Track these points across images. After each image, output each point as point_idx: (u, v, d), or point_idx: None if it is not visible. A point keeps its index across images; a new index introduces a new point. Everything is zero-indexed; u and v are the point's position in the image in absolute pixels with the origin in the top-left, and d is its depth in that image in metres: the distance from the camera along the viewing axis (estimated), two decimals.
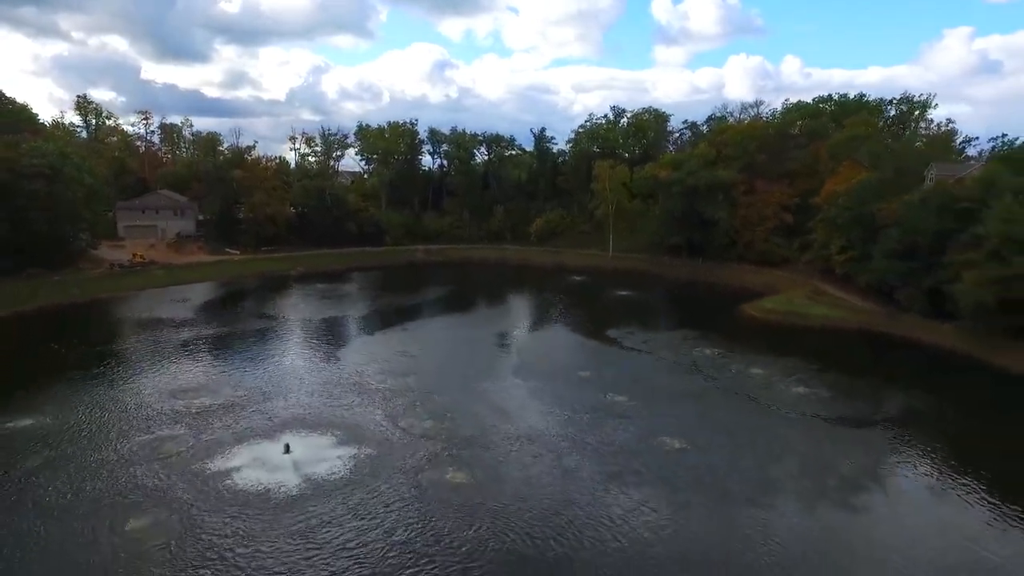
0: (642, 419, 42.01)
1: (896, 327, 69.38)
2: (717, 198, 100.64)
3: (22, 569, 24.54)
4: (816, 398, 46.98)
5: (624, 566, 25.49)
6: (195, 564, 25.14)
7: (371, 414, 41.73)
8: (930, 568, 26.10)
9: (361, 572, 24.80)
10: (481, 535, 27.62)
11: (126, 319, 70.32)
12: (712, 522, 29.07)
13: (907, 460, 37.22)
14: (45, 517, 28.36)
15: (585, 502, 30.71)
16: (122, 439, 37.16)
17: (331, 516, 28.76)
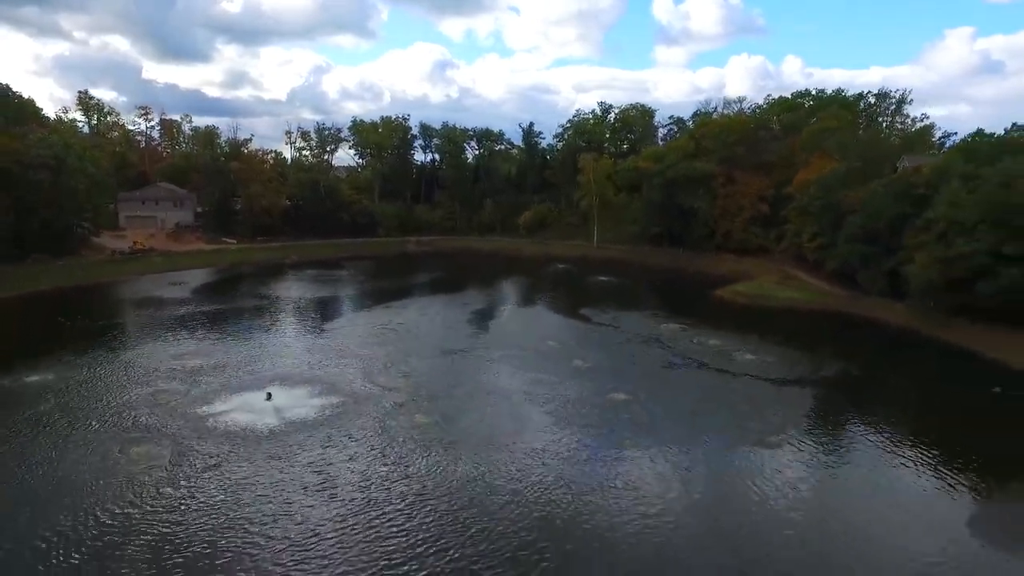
0: (598, 379, 46.29)
1: (856, 307, 73.57)
2: (697, 189, 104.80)
3: (39, 484, 28.88)
4: (762, 363, 51.19)
5: (552, 482, 29.79)
6: (186, 477, 29.57)
7: (349, 373, 46.10)
8: (818, 487, 30.40)
9: (324, 484, 29.17)
10: (435, 460, 31.96)
11: (127, 299, 74.91)
12: (637, 455, 33.33)
13: (826, 411, 41.52)
14: (56, 447, 32.77)
15: (530, 438, 35.05)
16: (123, 390, 41.63)
17: (303, 445, 33.17)
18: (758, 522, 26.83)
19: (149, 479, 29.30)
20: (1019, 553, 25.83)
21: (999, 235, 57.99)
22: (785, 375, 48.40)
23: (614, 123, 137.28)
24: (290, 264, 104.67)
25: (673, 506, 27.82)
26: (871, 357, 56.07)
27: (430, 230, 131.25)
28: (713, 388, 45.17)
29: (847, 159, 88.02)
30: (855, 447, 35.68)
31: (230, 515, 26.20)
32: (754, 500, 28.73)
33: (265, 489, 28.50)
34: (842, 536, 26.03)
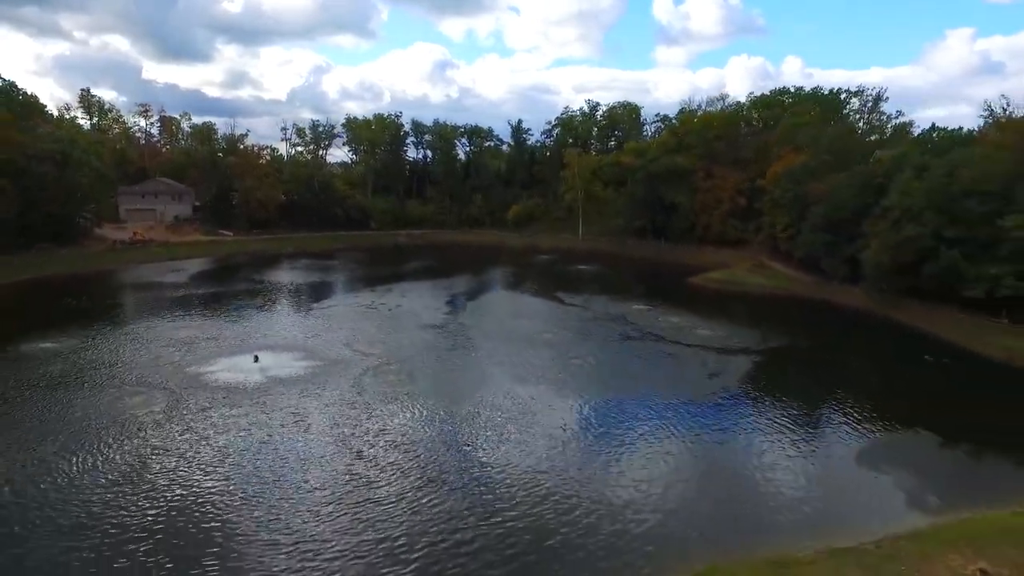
0: (559, 347, 51.08)
1: (819, 292, 78.28)
2: (678, 184, 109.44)
3: (57, 421, 33.66)
4: (716, 337, 55.91)
5: (498, 420, 34.55)
6: (180, 416, 34.39)
7: (331, 343, 50.89)
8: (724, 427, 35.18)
9: (299, 422, 33.97)
10: (399, 407, 36.75)
11: (128, 284, 79.85)
12: (580, 401, 38.08)
13: (758, 373, 46.13)
14: (68, 395, 37.59)
15: (490, 390, 39.82)
16: (125, 355, 46.49)
17: (284, 395, 38.00)
18: (660, 441, 31.56)
19: (148, 419, 34.13)
20: (888, 473, 30.45)
21: (942, 220, 62.75)
22: (733, 346, 53.07)
23: (601, 121, 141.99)
24: (285, 255, 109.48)
25: (587, 433, 32.58)
26: (818, 333, 60.92)
27: (421, 224, 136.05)
28: (662, 355, 49.89)
29: (817, 153, 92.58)
30: (765, 397, 40.23)
31: (218, 444, 30.99)
32: (660, 433, 33.44)
33: (248, 426, 33.30)
34: (725, 461, 30.82)
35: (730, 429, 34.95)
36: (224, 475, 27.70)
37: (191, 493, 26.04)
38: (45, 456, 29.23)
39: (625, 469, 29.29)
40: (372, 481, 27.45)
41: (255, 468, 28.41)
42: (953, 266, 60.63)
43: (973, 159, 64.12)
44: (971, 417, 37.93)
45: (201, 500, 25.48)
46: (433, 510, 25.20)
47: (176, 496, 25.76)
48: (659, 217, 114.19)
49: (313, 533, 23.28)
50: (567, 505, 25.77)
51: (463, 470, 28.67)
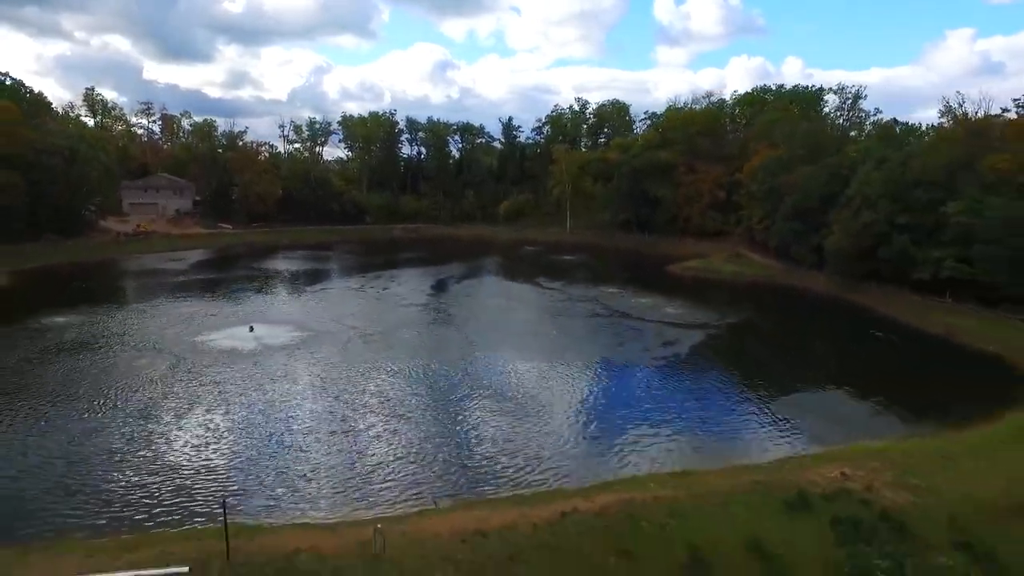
0: (529, 323, 55.96)
1: (788, 279, 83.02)
2: (660, 178, 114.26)
3: (72, 377, 38.56)
4: (680, 314, 60.71)
5: (456, 375, 39.41)
6: (182, 373, 39.30)
7: (321, 318, 55.85)
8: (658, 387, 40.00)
9: (287, 376, 38.91)
10: (376, 361, 41.67)
11: (132, 270, 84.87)
12: (533, 363, 42.94)
13: (706, 342, 50.90)
14: (80, 358, 42.52)
15: (452, 352, 44.78)
16: (129, 327, 51.48)
17: (276, 357, 42.97)
18: (596, 392, 36.42)
19: (156, 373, 39.10)
20: (799, 417, 35.19)
21: (895, 208, 67.52)
22: (694, 322, 57.84)
23: (590, 118, 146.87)
24: (282, 247, 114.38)
25: (531, 386, 37.46)
26: (778, 313, 65.72)
27: (415, 219, 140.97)
28: (624, 329, 54.72)
29: (791, 147, 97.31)
30: (710, 361, 45.03)
31: (215, 391, 35.90)
32: (598, 385, 38.28)
33: (243, 379, 38.23)
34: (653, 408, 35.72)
35: (668, 386, 39.76)
36: (224, 411, 32.64)
37: (196, 423, 30.98)
38: (74, 396, 34.22)
39: (555, 412, 34.08)
40: (347, 416, 32.37)
41: (248, 405, 33.32)
42: (904, 251, 65.46)
43: (922, 151, 68.90)
44: (891, 379, 42.71)
45: (206, 428, 30.41)
46: (395, 437, 30.10)
47: (184, 424, 30.70)
48: (643, 210, 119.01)
49: (293, 448, 28.19)
50: (508, 432, 30.64)
51: (424, 408, 33.62)
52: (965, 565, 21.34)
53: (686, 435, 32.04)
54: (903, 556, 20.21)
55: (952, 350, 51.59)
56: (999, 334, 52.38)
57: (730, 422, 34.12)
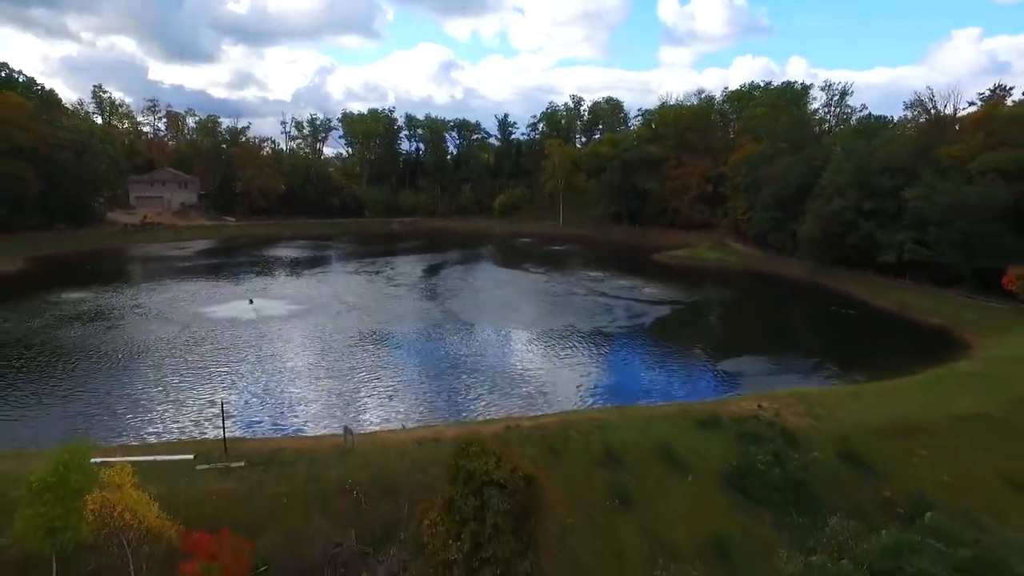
0: (508, 300, 60.20)
1: (766, 265, 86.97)
2: (649, 172, 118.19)
3: (92, 337, 43.07)
4: (651, 294, 64.84)
5: (437, 335, 43.72)
6: (188, 337, 43.76)
7: (316, 295, 60.30)
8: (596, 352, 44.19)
9: (283, 338, 43.28)
10: (359, 327, 46.05)
11: (139, 256, 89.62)
12: (502, 328, 47.21)
13: (674, 315, 55.05)
14: (96, 325, 47.04)
15: (435, 320, 49.07)
16: (139, 300, 56.07)
17: (273, 323, 47.47)
18: (554, 347, 40.66)
19: (165, 334, 43.60)
20: (742, 375, 39.31)
21: (862, 194, 71.45)
22: (663, 300, 62.03)
23: (584, 115, 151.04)
24: (284, 238, 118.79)
25: (497, 343, 41.74)
26: (747, 293, 69.82)
27: (413, 212, 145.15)
28: (597, 305, 58.92)
29: (772, 141, 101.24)
30: (667, 330, 49.18)
31: (217, 347, 40.35)
32: (557, 343, 42.52)
33: (242, 338, 42.73)
34: (600, 358, 39.91)
35: (626, 348, 44.00)
36: (225, 353, 37.06)
37: (199, 370, 35.45)
38: (98, 348, 38.71)
39: (516, 358, 38.38)
40: (332, 366, 36.76)
41: (246, 356, 37.73)
42: (870, 235, 69.40)
43: (886, 141, 72.88)
44: (837, 345, 47.01)
45: (208, 373, 34.87)
46: (374, 380, 34.45)
47: (188, 369, 35.15)
48: (633, 203, 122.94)
49: (284, 386, 32.57)
50: (472, 380, 34.96)
51: (401, 360, 38.03)
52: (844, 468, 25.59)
53: (636, 383, 36.25)
54: (784, 453, 24.41)
55: (902, 323, 55.64)
56: (946, 309, 56.40)
57: (677, 374, 38.34)
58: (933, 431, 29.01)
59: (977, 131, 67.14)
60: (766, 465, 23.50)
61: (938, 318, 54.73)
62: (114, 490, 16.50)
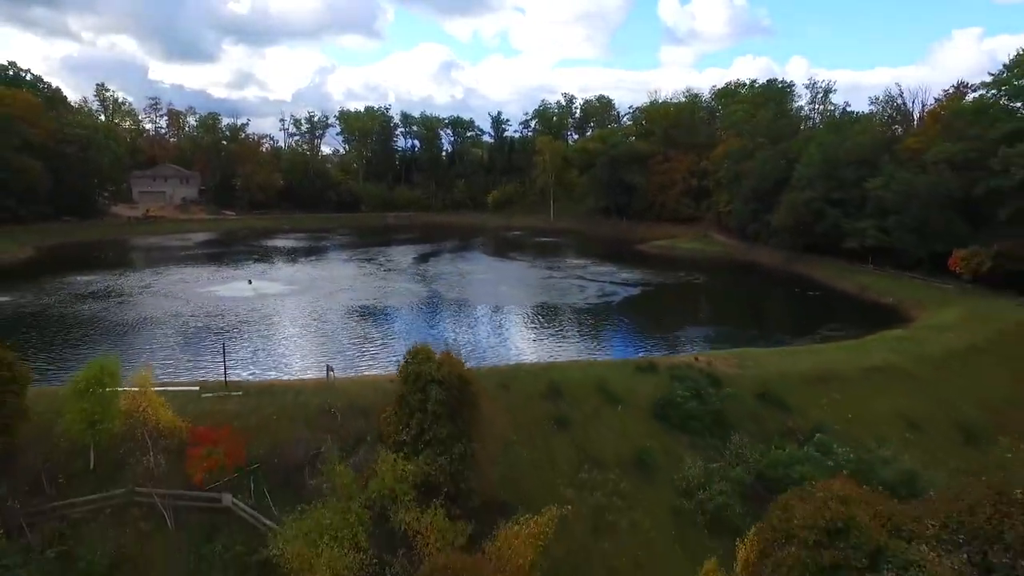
0: (491, 282, 64.53)
1: (743, 255, 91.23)
2: (637, 167, 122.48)
3: (106, 312, 47.44)
4: (626, 278, 69.14)
5: (418, 304, 48.07)
6: (192, 311, 48.16)
7: (311, 277, 64.70)
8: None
9: (278, 307, 47.64)
10: (349, 305, 50.38)
11: (144, 246, 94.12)
12: (484, 305, 51.56)
13: (642, 295, 59.34)
14: (109, 301, 51.43)
15: (419, 298, 53.37)
16: (145, 281, 60.51)
17: (270, 299, 51.82)
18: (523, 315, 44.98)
19: (172, 309, 47.97)
20: (696, 345, 43.56)
21: (830, 185, 75.69)
22: (635, 282, 66.32)
23: (576, 113, 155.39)
24: (282, 230, 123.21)
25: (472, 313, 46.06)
26: (718, 278, 74.14)
27: (409, 207, 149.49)
28: (572, 286, 63.33)
29: (753, 136, 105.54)
30: (634, 306, 53.47)
31: (217, 318, 44.71)
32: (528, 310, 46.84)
33: (241, 310, 47.07)
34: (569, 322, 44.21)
35: (591, 320, 48.30)
36: (225, 320, 41.43)
37: (204, 331, 39.80)
38: (111, 318, 43.12)
39: (488, 327, 42.70)
40: (321, 328, 41.10)
41: (244, 320, 42.11)
42: (836, 223, 73.65)
43: (854, 134, 77.20)
44: (789, 319, 51.33)
45: (211, 332, 39.26)
46: (359, 340, 38.79)
47: (193, 330, 39.55)
48: (620, 198, 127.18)
49: (277, 343, 36.93)
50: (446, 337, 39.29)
51: (384, 327, 42.39)
52: (758, 405, 29.88)
53: (593, 346, 40.54)
54: (704, 390, 28.71)
55: (859, 302, 59.96)
56: (900, 290, 60.68)
57: (633, 340, 42.63)
58: (846, 379, 33.30)
59: (934, 125, 71.44)
60: (684, 398, 27.78)
61: (891, 298, 59.02)
62: (139, 393, 20.85)
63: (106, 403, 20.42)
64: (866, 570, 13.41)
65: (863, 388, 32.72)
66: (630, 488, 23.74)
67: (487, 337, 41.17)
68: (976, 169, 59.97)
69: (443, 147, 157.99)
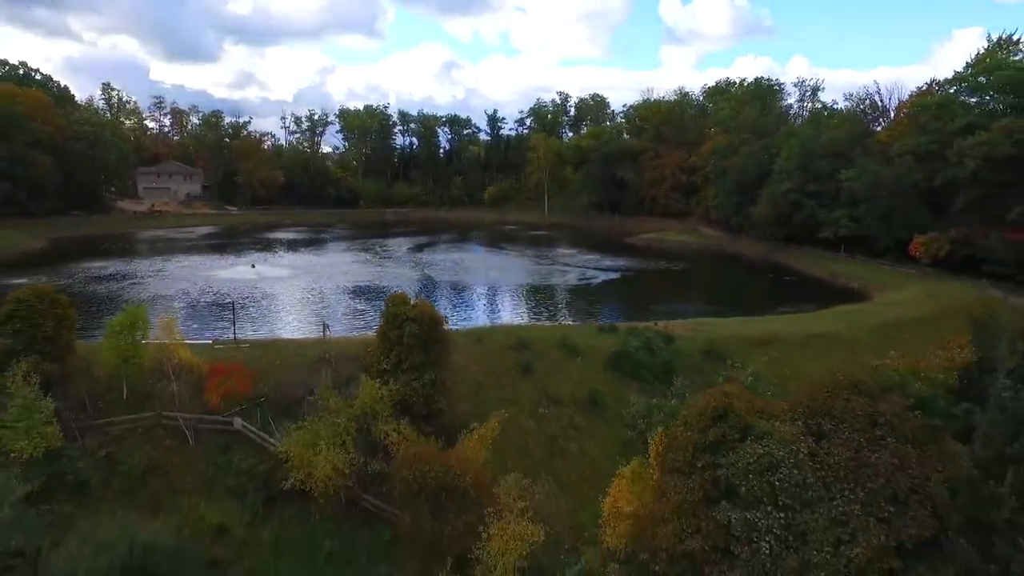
0: (481, 268, 68.82)
1: (728, 246, 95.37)
2: (628, 163, 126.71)
3: (110, 296, 51.78)
4: (608, 265, 73.36)
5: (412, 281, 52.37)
6: (201, 288, 52.50)
7: (310, 263, 69.08)
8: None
9: (280, 284, 51.97)
10: (347, 285, 54.67)
11: (149, 239, 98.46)
12: (471, 285, 55.82)
13: (621, 279, 63.51)
14: (119, 283, 55.78)
15: (411, 279, 57.67)
16: (153, 267, 64.90)
17: (272, 280, 56.10)
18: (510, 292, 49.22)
19: (180, 288, 52.34)
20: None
21: (807, 176, 79.80)
22: (616, 268, 70.51)
23: (571, 111, 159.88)
24: (283, 224, 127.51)
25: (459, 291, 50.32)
26: (698, 266, 78.20)
27: (407, 203, 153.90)
28: (556, 271, 67.68)
29: (739, 133, 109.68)
30: (609, 285, 57.67)
31: (225, 296, 49.06)
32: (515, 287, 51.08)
33: (245, 288, 51.39)
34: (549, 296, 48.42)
35: (568, 297, 52.52)
36: (231, 297, 45.75)
37: (217, 302, 44.14)
38: (125, 297, 47.49)
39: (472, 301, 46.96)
40: (318, 300, 45.41)
41: (248, 295, 46.45)
42: (813, 214, 77.78)
43: (829, 128, 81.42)
44: (758, 300, 55.29)
45: (218, 306, 43.58)
46: (352, 312, 43.07)
47: (202, 303, 43.88)
48: (613, 193, 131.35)
49: (278, 311, 41.23)
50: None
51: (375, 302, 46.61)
52: (704, 360, 34.05)
53: (565, 314, 44.74)
54: (656, 345, 32.89)
55: (828, 286, 64.09)
56: (868, 275, 64.77)
57: (606, 313, 46.79)
58: (788, 342, 37.45)
59: (904, 120, 75.60)
60: (636, 350, 31.97)
61: (858, 282, 63.11)
62: (165, 333, 25.16)
63: (136, 343, 24.69)
64: (737, 442, 17.63)
65: (802, 351, 36.81)
66: (583, 422, 27.94)
67: (470, 310, 45.40)
68: (936, 160, 63.97)
69: (441, 145, 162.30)
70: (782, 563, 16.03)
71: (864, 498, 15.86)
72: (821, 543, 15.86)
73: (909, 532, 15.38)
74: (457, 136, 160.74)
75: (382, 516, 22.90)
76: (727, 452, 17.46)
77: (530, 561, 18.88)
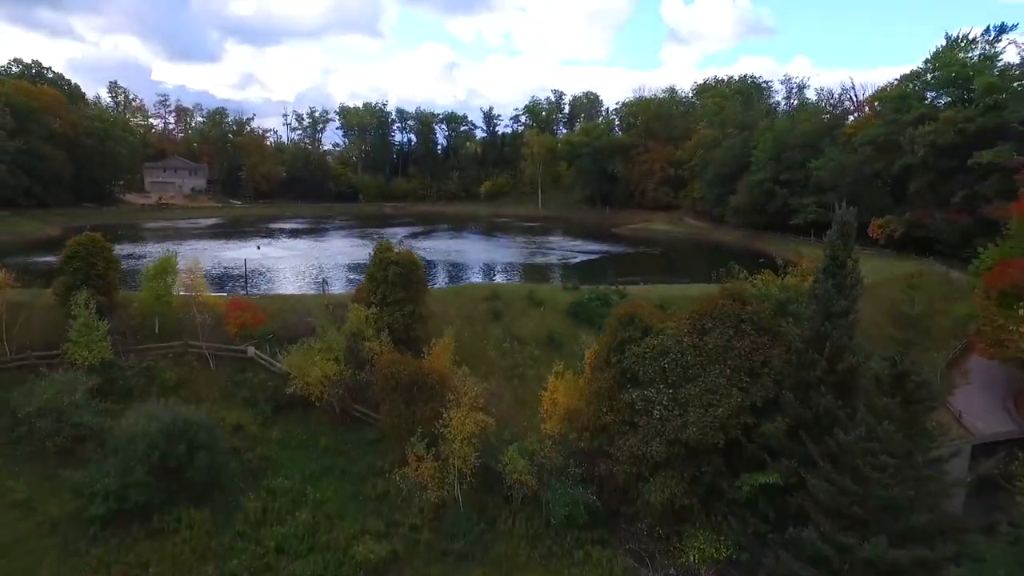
0: (473, 252, 74.21)
1: (709, 235, 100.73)
2: (619, 158, 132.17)
3: (127, 272, 57.29)
4: (590, 249, 78.80)
5: None
6: (212, 267, 58.00)
7: (312, 246, 74.64)
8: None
9: (285, 269, 57.47)
10: (349, 261, 60.12)
11: (158, 228, 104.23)
12: (461, 265, 61.24)
13: (601, 259, 68.83)
14: (132, 261, 61.33)
15: None
16: (164, 249, 70.03)
17: (277, 259, 61.57)
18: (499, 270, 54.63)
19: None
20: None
21: (780, 167, 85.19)
22: (597, 252, 75.91)
23: (565, 108, 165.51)
24: (285, 217, 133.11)
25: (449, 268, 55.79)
26: (671, 249, 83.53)
27: (405, 198, 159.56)
28: (540, 253, 72.92)
29: (722, 127, 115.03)
30: (590, 266, 62.99)
31: (234, 270, 54.55)
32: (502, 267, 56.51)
33: (255, 264, 56.92)
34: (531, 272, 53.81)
35: (539, 269, 57.92)
36: (240, 271, 51.26)
37: (228, 273, 49.66)
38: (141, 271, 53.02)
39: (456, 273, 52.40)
40: (318, 274, 50.88)
41: (258, 267, 51.97)
42: (785, 202, 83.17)
43: (801, 121, 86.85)
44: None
45: (230, 275, 49.09)
46: (351, 275, 48.55)
47: (222, 273, 49.42)
48: (604, 187, 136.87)
49: (282, 281, 46.77)
50: None
51: None
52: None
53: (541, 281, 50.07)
54: (611, 299, 38.26)
55: (792, 265, 69.13)
56: None
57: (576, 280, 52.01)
58: None
59: (868, 110, 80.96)
60: (591, 300, 37.37)
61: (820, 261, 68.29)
62: (192, 276, 30.69)
63: (168, 285, 30.20)
64: (640, 339, 23.04)
65: None
66: (541, 355, 33.33)
67: (459, 282, 50.85)
68: (894, 150, 69.26)
69: (438, 141, 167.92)
70: (669, 424, 21.38)
71: (729, 373, 21.20)
72: (697, 407, 21.20)
73: (759, 395, 20.68)
74: (454, 133, 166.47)
75: (369, 422, 28.33)
76: (632, 347, 22.85)
77: (482, 443, 24.27)
